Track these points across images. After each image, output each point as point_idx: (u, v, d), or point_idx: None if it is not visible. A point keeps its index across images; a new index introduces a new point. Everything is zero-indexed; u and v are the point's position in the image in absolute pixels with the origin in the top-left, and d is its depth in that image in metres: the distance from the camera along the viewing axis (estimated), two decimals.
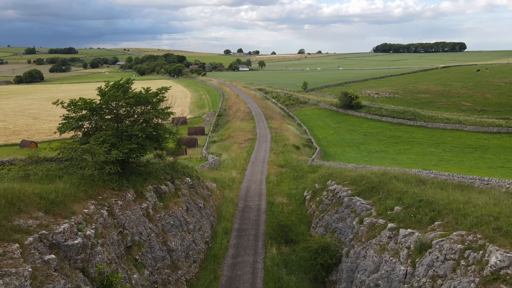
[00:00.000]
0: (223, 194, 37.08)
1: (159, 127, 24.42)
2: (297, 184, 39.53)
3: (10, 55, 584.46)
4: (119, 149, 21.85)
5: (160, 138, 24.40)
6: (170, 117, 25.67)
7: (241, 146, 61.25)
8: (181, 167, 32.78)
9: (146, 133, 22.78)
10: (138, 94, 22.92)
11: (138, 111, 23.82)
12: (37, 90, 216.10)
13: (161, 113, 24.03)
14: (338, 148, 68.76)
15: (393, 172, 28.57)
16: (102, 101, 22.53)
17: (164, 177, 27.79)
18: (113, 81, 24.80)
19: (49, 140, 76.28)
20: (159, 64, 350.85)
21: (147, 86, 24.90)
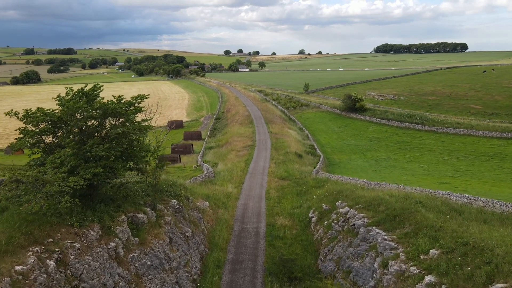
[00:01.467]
0: (217, 214, 32.50)
1: (135, 144, 19.87)
2: (301, 202, 34.97)
3: (9, 56, 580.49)
4: (81, 173, 17.35)
5: (136, 157, 19.86)
6: (147, 133, 21.11)
7: (239, 154, 56.68)
8: (167, 185, 28.26)
9: (116, 153, 18.25)
10: (106, 105, 18.31)
11: (109, 125, 19.32)
12: (32, 91, 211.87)
13: (137, 127, 19.50)
14: (343, 155, 64.21)
15: (417, 195, 24.00)
16: (61, 112, 18.00)
17: (144, 200, 23.28)
18: (97, 83, 20.42)
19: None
20: (158, 65, 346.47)
21: (119, 95, 20.27)
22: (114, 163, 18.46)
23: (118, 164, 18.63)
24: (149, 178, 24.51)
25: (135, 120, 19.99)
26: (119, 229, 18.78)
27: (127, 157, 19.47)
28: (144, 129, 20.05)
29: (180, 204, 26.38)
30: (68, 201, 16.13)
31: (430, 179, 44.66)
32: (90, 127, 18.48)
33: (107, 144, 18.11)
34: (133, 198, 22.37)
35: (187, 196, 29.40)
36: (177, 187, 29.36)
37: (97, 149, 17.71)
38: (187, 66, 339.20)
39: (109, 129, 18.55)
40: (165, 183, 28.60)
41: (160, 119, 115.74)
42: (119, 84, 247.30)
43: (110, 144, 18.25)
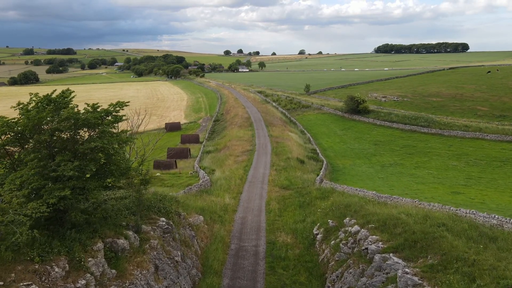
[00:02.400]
0: (212, 230, 29.58)
1: (113, 159, 16.96)
2: (304, 215, 32.05)
3: (8, 56, 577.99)
4: (44, 197, 14.48)
5: (113, 175, 16.95)
6: (133, 144, 18.21)
7: (238, 159, 53.77)
8: (156, 200, 25.35)
9: (88, 172, 15.37)
10: (76, 115, 15.38)
11: (81, 138, 16.43)
12: (29, 92, 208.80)
13: (115, 140, 16.59)
14: (346, 160, 61.30)
15: (438, 215, 21.08)
16: (22, 124, 15.12)
17: (127, 221, 20.40)
18: (69, 89, 17.53)
19: None
20: (157, 65, 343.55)
21: (94, 103, 17.34)
22: (86, 183, 15.58)
23: (91, 184, 15.73)
24: (135, 193, 21.60)
25: (114, 131, 17.10)
26: (92, 261, 15.87)
27: (103, 175, 16.57)
28: (124, 142, 17.13)
29: (169, 223, 23.46)
30: (25, 233, 13.27)
31: (441, 188, 41.76)
32: (57, 141, 15.54)
33: (77, 161, 15.19)
34: (114, 219, 19.54)
35: (179, 212, 26.47)
36: (167, 201, 26.47)
37: (65, 168, 14.82)
38: (186, 67, 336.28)
39: (81, 143, 15.62)
40: (154, 197, 25.70)
41: (158, 120, 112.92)
42: (118, 84, 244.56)
43: (81, 161, 15.35)
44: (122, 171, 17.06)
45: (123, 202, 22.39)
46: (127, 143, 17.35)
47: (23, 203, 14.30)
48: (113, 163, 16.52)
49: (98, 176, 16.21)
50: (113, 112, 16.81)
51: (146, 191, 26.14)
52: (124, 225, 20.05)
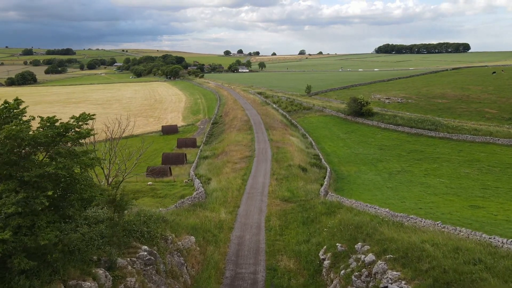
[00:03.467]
0: (205, 253, 26.19)
1: (72, 187, 13.57)
2: (308, 234, 28.67)
3: (7, 56, 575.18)
4: None
5: (73, 205, 13.56)
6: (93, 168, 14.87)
7: (236, 167, 50.37)
8: (139, 223, 22.00)
9: (38, 206, 12.01)
10: (18, 133, 12.00)
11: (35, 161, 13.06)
12: (26, 93, 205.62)
13: (76, 163, 13.23)
14: (351, 166, 57.89)
15: (472, 248, 17.69)
16: None
17: (98, 255, 17.03)
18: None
19: None
20: (156, 65, 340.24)
21: (49, 116, 13.93)
22: (37, 218, 12.21)
23: (43, 219, 12.35)
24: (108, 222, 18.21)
25: (76, 151, 13.74)
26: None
27: (58, 206, 13.21)
28: (88, 165, 13.76)
29: (152, 252, 20.09)
30: None
31: (457, 200, 38.36)
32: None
33: (23, 192, 11.82)
34: (83, 253, 16.15)
35: (166, 236, 23.09)
36: (153, 223, 23.08)
37: (6, 201, 11.44)
38: (186, 67, 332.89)
39: (28, 169, 12.25)
40: (137, 219, 22.33)
41: (154, 123, 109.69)
42: (116, 85, 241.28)
43: (30, 192, 11.98)
44: (85, 201, 13.69)
45: (98, 228, 19.03)
46: (92, 166, 14.04)
47: None
48: (73, 192, 13.14)
49: (52, 209, 12.83)
50: (75, 127, 13.41)
51: (128, 211, 22.87)
52: (94, 260, 16.70)
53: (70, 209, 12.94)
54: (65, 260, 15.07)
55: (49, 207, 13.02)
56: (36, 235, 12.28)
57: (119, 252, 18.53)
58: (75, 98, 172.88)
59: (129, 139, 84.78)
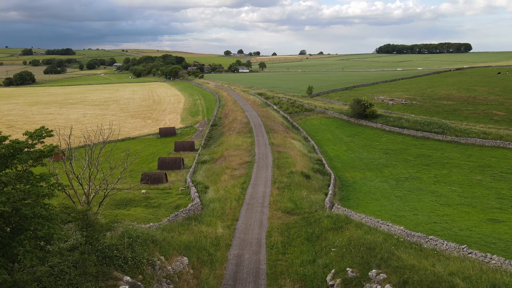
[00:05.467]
0: (199, 277, 23.42)
1: (25, 220, 10.81)
2: (314, 253, 25.91)
3: (7, 56, 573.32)
4: None
5: (25, 246, 10.78)
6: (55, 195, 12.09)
7: (235, 174, 47.60)
8: (123, 246, 19.25)
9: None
10: None
11: None
12: (23, 94, 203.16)
13: (28, 193, 10.48)
14: (356, 172, 55.14)
15: (509, 282, 14.92)
16: None
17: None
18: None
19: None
20: (155, 66, 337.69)
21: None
22: None
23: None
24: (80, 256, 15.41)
25: (31, 177, 10.99)
26: None
27: (7, 246, 10.45)
28: (46, 195, 11.01)
29: (136, 284, 17.33)
30: None
31: (473, 212, 35.57)
32: None
33: None
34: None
35: (153, 261, 20.33)
36: (139, 246, 20.34)
37: None
38: (186, 67, 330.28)
39: None
40: (120, 243, 19.54)
41: (152, 124, 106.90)
42: (114, 85, 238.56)
43: None
44: (41, 240, 10.95)
45: (72, 257, 16.25)
46: (50, 195, 11.29)
47: None
48: (24, 229, 10.40)
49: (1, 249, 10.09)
50: (26, 146, 10.66)
51: (111, 233, 20.14)
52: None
53: (20, 251, 10.22)
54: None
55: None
56: None
57: (95, 286, 15.83)
58: (72, 99, 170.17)
59: (126, 142, 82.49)
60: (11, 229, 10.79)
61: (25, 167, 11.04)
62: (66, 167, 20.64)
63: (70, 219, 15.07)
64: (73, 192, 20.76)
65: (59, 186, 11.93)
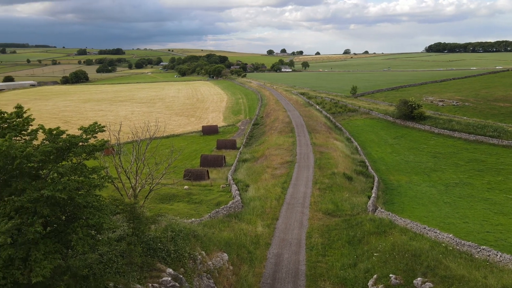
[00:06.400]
0: (238, 274, 23.64)
1: (79, 209, 11.44)
2: (355, 257, 25.24)
3: (64, 56, 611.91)
4: None
5: (78, 233, 11.40)
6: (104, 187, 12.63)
7: (276, 173, 47.55)
8: (166, 239, 19.84)
9: (31, 234, 9.93)
10: (7, 150, 9.95)
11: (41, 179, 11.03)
12: (77, 91, 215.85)
13: (82, 184, 11.07)
14: (401, 175, 53.08)
15: None
16: None
17: (115, 283, 14.92)
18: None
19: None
20: (199, 65, 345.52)
21: (53, 128, 11.85)
22: (32, 249, 10.13)
23: (39, 250, 10.25)
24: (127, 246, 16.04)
25: (84, 169, 11.62)
26: None
27: (62, 233, 11.10)
28: (98, 185, 11.58)
29: (178, 277, 17.78)
30: None
31: None
32: None
33: (15, 220, 9.78)
34: (98, 279, 14.07)
35: (194, 255, 20.77)
36: (181, 240, 20.87)
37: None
38: (229, 66, 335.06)
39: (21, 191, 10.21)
40: (164, 236, 20.16)
41: (195, 122, 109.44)
42: (160, 84, 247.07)
43: (23, 219, 9.92)
44: (92, 228, 11.53)
45: (119, 246, 16.96)
46: (100, 187, 11.85)
47: None
48: (77, 217, 11.01)
49: (57, 236, 10.75)
50: (80, 141, 11.27)
51: (156, 226, 20.82)
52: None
53: (73, 238, 10.83)
54: (82, 284, 13.07)
55: (52, 234, 10.99)
56: (30, 269, 10.20)
57: (140, 276, 16.43)
58: (121, 96, 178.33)
59: (170, 138, 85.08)
60: (66, 217, 11.50)
61: (79, 160, 11.75)
62: (115, 161, 21.70)
63: (118, 210, 15.79)
64: (121, 185, 21.72)
65: (108, 179, 12.57)
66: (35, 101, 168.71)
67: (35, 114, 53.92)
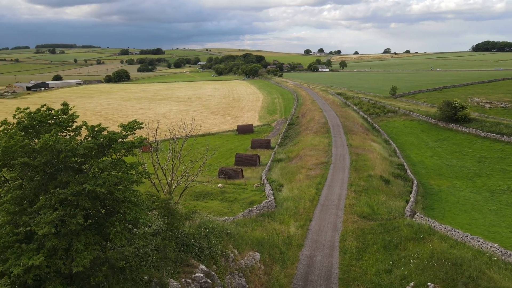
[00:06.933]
0: (270, 274, 23.59)
1: (118, 203, 11.86)
2: (391, 263, 24.45)
3: (107, 56, 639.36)
4: (9, 262, 9.78)
5: (116, 226, 11.82)
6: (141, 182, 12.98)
7: (310, 174, 47.04)
8: (198, 237, 20.15)
9: (73, 226, 10.42)
10: (54, 145, 10.48)
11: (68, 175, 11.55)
12: (119, 90, 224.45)
13: (120, 179, 11.49)
14: (442, 180, 50.84)
15: None
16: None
17: (150, 276, 15.37)
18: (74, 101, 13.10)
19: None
20: (236, 64, 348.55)
21: (95, 125, 12.35)
22: (73, 240, 10.62)
23: (79, 241, 10.73)
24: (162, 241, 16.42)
25: (123, 165, 12.03)
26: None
27: (102, 226, 11.56)
28: (135, 181, 11.95)
29: (210, 274, 18.03)
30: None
31: None
32: (34, 177, 10.85)
33: (59, 211, 10.30)
34: (134, 271, 14.54)
35: (227, 253, 20.97)
36: (214, 237, 21.13)
37: (41, 220, 9.98)
38: (265, 66, 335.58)
39: (65, 184, 10.74)
40: (197, 233, 20.50)
41: (231, 121, 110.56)
42: (197, 83, 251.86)
43: (66, 211, 10.43)
44: (129, 223, 11.92)
45: (155, 241, 17.44)
46: (138, 182, 12.22)
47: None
48: (116, 211, 11.42)
49: (93, 230, 11.22)
50: (120, 137, 11.69)
51: (190, 223, 21.20)
52: (145, 281, 15.05)
53: (111, 231, 11.26)
54: (113, 281, 13.59)
55: (92, 226, 11.49)
56: (72, 259, 10.70)
57: (173, 271, 16.80)
58: (160, 95, 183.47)
59: (206, 137, 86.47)
60: (106, 211, 12.00)
61: (119, 156, 12.21)
62: (153, 158, 22.38)
63: (154, 206, 16.23)
64: (158, 182, 22.34)
65: (146, 175, 12.99)
66: (81, 99, 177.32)
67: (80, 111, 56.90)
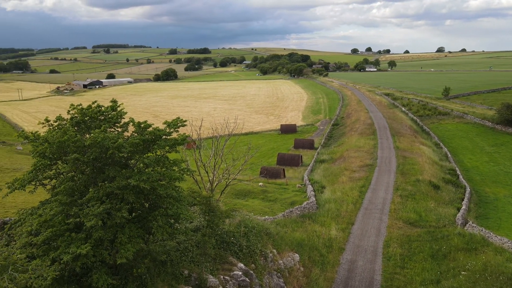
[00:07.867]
0: (309, 276, 23.20)
1: (160, 198, 12.17)
2: (439, 274, 23.13)
3: (157, 55, 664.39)
4: (60, 250, 10.37)
5: (157, 220, 12.12)
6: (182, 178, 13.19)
7: (353, 176, 45.78)
8: (238, 235, 20.24)
9: (118, 218, 10.84)
10: (102, 141, 10.91)
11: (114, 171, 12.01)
12: (167, 88, 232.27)
13: (164, 175, 11.77)
14: (499, 188, 47.41)
15: None
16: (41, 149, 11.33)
17: (189, 271, 15.66)
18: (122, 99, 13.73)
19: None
20: (281, 64, 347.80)
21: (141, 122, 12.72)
22: (118, 232, 11.05)
23: (124, 234, 11.13)
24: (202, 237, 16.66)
25: (167, 162, 12.32)
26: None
27: (143, 221, 11.92)
28: (175, 178, 12.18)
29: (248, 272, 18.05)
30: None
31: None
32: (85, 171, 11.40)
33: (108, 202, 10.75)
34: (174, 265, 14.93)
35: (266, 252, 20.90)
36: (254, 236, 21.15)
37: (89, 211, 10.47)
38: (310, 65, 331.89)
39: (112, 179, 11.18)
40: (237, 231, 20.62)
41: (274, 121, 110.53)
42: (242, 82, 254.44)
43: (112, 204, 10.87)
44: (170, 218, 12.17)
45: (195, 237, 17.76)
46: (180, 179, 12.45)
47: (34, 256, 10.46)
48: (158, 206, 11.72)
49: (137, 223, 11.59)
50: (164, 134, 11.97)
51: (230, 220, 21.38)
52: (185, 276, 15.35)
53: (154, 225, 11.58)
54: (154, 273, 14.00)
55: (136, 220, 11.88)
56: (116, 250, 11.12)
57: (212, 267, 17.00)
58: (205, 93, 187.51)
59: (248, 136, 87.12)
60: (149, 205, 12.38)
61: (162, 152, 12.55)
62: (195, 155, 22.83)
63: (195, 202, 16.52)
64: (200, 179, 22.75)
65: (188, 172, 13.25)
66: (131, 97, 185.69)
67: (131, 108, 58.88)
